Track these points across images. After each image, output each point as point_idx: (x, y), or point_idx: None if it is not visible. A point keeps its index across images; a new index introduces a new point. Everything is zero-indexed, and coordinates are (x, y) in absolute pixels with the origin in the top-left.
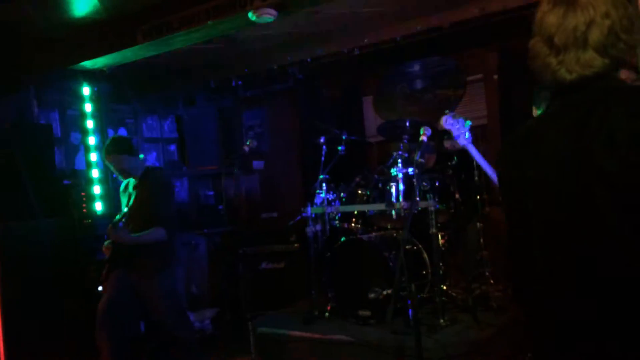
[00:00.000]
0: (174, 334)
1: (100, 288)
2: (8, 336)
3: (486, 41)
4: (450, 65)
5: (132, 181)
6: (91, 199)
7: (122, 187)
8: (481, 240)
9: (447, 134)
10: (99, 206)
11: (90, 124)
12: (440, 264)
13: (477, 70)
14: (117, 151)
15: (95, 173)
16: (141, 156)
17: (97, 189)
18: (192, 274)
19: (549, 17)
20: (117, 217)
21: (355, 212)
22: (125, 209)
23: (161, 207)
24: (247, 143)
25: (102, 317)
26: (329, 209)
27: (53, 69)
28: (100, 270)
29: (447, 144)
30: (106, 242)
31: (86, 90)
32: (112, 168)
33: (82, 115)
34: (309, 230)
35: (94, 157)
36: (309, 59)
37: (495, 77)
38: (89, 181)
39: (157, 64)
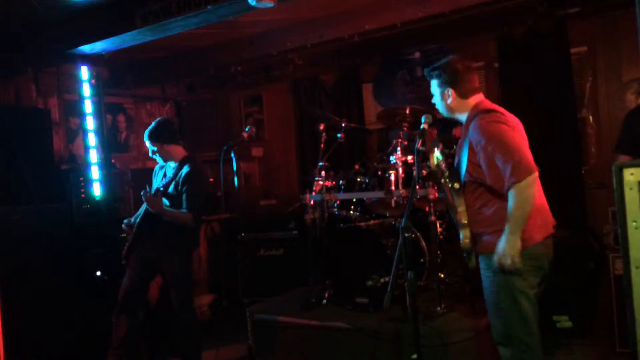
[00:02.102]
0: (178, 315)
1: (99, 273)
2: (6, 322)
3: (487, 28)
4: (451, 53)
5: (170, 164)
6: (89, 184)
7: (157, 167)
8: None
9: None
10: (97, 191)
11: (88, 108)
12: (438, 252)
13: (478, 58)
14: (153, 138)
15: (93, 158)
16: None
17: (95, 174)
18: None
19: None
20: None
21: (354, 200)
22: (158, 186)
23: (193, 195)
24: (246, 130)
25: (124, 298)
26: (327, 197)
27: (51, 53)
28: (102, 256)
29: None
30: (125, 221)
31: (85, 75)
32: (152, 150)
33: (81, 100)
34: (308, 217)
35: (92, 141)
36: (308, 45)
37: (496, 64)
38: (87, 166)
39: (156, 49)
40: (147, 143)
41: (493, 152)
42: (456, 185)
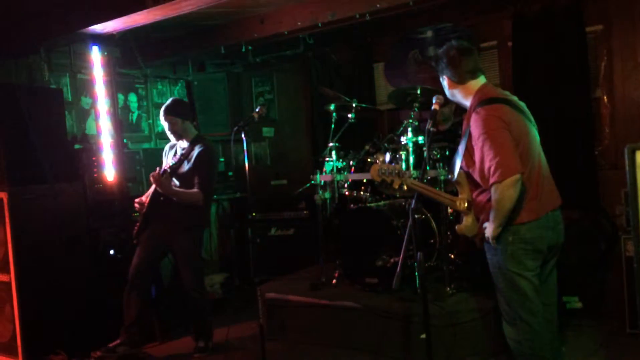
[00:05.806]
0: (189, 293)
1: (112, 252)
2: (22, 301)
3: (501, 7)
4: (464, 32)
5: (181, 143)
6: (102, 163)
7: (167, 147)
8: None
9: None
10: (109, 171)
11: (100, 88)
12: (448, 232)
13: (491, 37)
14: (174, 113)
15: (105, 138)
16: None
17: (107, 154)
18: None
19: None
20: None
21: (364, 180)
22: (169, 165)
23: (204, 174)
24: (257, 110)
25: (134, 277)
26: (338, 177)
27: (63, 32)
28: (115, 235)
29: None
30: (137, 200)
31: (96, 55)
32: (166, 128)
33: (93, 80)
34: (318, 197)
35: (104, 121)
36: (319, 24)
37: (510, 44)
38: (99, 146)
39: (166, 29)
40: (167, 118)
41: (483, 148)
42: (450, 177)
